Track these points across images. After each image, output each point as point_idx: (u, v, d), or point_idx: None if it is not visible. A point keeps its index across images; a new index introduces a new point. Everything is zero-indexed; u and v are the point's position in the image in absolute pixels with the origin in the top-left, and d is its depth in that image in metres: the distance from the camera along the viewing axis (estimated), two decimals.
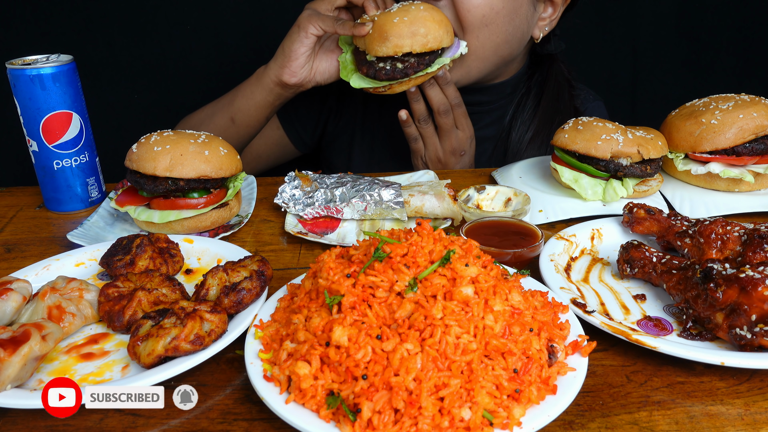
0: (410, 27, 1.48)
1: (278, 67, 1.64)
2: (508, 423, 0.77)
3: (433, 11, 1.53)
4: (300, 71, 1.63)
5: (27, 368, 0.87)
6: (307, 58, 1.62)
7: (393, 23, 1.48)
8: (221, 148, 1.37)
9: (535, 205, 1.45)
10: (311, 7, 1.61)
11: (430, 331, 0.82)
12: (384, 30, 1.48)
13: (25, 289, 1.04)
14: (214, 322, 0.94)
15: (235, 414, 0.87)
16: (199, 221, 1.35)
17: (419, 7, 1.52)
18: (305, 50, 1.60)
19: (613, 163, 1.43)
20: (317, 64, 1.65)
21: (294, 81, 1.64)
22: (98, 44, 2.26)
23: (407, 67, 1.53)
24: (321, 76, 1.66)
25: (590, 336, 0.93)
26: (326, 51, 1.66)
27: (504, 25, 1.62)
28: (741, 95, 1.51)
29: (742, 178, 1.46)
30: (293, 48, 1.60)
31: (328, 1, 1.61)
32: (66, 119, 1.44)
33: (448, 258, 0.88)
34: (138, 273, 1.10)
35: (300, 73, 1.63)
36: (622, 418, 0.85)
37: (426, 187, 1.42)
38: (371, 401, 0.77)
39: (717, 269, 0.98)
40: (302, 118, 2.00)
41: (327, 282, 0.90)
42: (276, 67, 1.65)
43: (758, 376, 0.93)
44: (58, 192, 1.50)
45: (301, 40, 1.58)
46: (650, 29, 2.54)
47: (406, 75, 1.53)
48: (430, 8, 1.53)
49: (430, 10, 1.53)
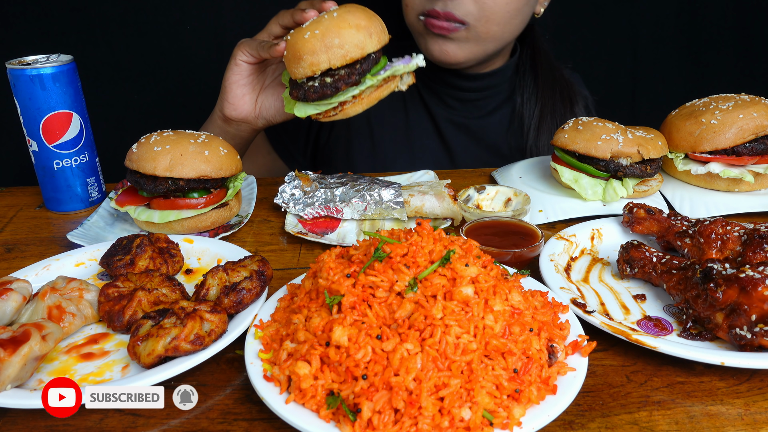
0: (323, 40, 1.30)
1: (220, 101, 1.58)
2: (508, 423, 0.77)
3: (350, 14, 1.34)
4: (240, 104, 1.55)
5: (27, 368, 0.87)
6: (245, 90, 1.54)
7: (304, 39, 1.31)
8: (221, 148, 1.37)
9: (535, 205, 1.45)
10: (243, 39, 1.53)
11: (430, 331, 0.82)
12: (296, 49, 1.32)
13: (25, 289, 1.04)
14: (214, 322, 0.94)
15: (235, 414, 0.87)
16: (199, 221, 1.35)
17: (332, 14, 1.34)
18: (238, 79, 1.53)
19: (613, 163, 1.43)
20: (262, 100, 1.56)
21: (235, 115, 1.56)
22: (98, 44, 2.26)
23: (337, 80, 1.34)
24: (267, 111, 1.57)
25: (590, 336, 0.93)
26: (272, 87, 1.58)
27: (525, 7, 1.70)
28: (741, 95, 1.51)
29: (742, 178, 1.46)
30: (227, 77, 1.54)
31: (265, 31, 1.53)
32: (66, 119, 1.44)
33: (448, 258, 0.88)
34: (138, 273, 1.10)
35: (241, 106, 1.55)
36: (622, 418, 0.85)
37: (426, 187, 1.42)
38: (371, 401, 0.77)
39: (717, 269, 0.98)
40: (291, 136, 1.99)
41: (327, 282, 0.90)
42: (219, 100, 1.59)
43: (758, 376, 0.93)
44: (58, 192, 1.50)
45: (232, 69, 1.52)
46: (650, 29, 2.54)
47: (337, 89, 1.34)
48: (346, 11, 1.35)
49: (347, 13, 1.34)
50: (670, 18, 2.54)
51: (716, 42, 2.58)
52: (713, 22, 2.55)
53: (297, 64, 1.32)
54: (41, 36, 2.23)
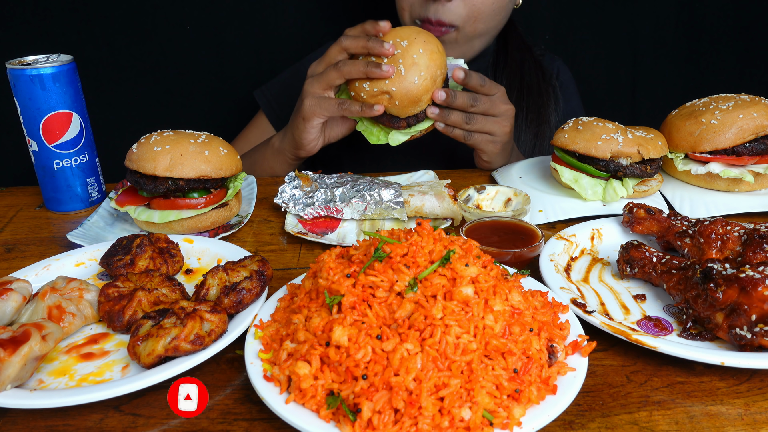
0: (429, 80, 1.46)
1: (293, 149, 1.67)
2: (508, 423, 0.77)
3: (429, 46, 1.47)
4: (314, 147, 1.65)
5: (27, 368, 0.87)
6: (317, 135, 1.62)
7: (416, 84, 1.45)
8: (221, 148, 1.37)
9: (535, 206, 1.45)
10: (311, 93, 1.55)
11: (430, 331, 0.82)
12: (413, 95, 1.45)
13: (25, 289, 1.04)
14: (214, 322, 0.94)
15: (235, 414, 0.87)
16: (199, 221, 1.35)
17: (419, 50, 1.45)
18: (315, 135, 1.61)
19: (613, 163, 1.43)
20: (329, 133, 1.65)
21: (311, 154, 1.68)
22: (98, 44, 2.26)
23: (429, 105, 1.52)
24: (331, 137, 1.66)
25: (590, 336, 0.93)
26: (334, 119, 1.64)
27: (508, 5, 1.77)
28: (741, 95, 1.51)
29: (742, 178, 1.46)
30: (302, 137, 1.61)
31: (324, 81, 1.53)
32: (66, 119, 1.44)
33: (448, 258, 0.88)
34: (138, 273, 1.10)
35: (315, 148, 1.65)
36: (622, 418, 0.85)
37: (426, 187, 1.42)
38: (371, 401, 0.77)
39: (717, 269, 0.98)
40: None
41: (327, 282, 0.90)
42: (291, 148, 1.68)
43: (758, 376, 0.93)
44: (58, 192, 1.50)
45: (308, 131, 1.59)
46: (650, 29, 2.53)
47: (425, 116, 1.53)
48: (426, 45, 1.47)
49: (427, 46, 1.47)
50: (670, 18, 2.53)
51: (716, 42, 2.58)
52: (713, 22, 2.55)
53: (414, 107, 1.49)
54: (41, 36, 2.23)
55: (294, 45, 2.36)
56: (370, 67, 1.45)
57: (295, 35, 2.35)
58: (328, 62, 1.54)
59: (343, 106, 1.51)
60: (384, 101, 1.47)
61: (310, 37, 2.34)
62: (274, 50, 2.37)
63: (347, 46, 1.51)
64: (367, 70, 1.45)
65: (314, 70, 1.59)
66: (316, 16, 2.35)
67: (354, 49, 1.50)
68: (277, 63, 2.36)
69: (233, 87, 2.40)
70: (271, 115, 2.04)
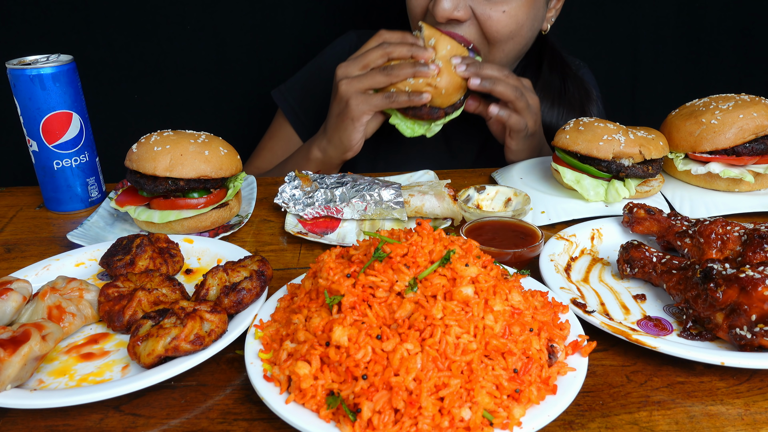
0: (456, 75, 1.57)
1: (340, 153, 1.68)
2: (508, 423, 0.77)
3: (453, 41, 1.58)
4: (360, 146, 1.67)
5: (27, 368, 0.87)
6: (363, 134, 1.64)
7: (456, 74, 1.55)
8: (221, 148, 1.37)
9: (537, 207, 1.45)
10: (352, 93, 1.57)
11: (430, 331, 0.82)
12: (456, 83, 1.55)
13: (25, 289, 1.04)
14: (214, 322, 0.94)
15: (235, 414, 0.87)
16: (199, 221, 1.35)
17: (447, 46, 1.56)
18: (363, 133, 1.63)
19: (615, 163, 1.42)
20: (367, 128, 1.66)
21: (356, 154, 1.69)
22: (98, 44, 2.26)
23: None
24: (371, 132, 1.68)
25: (590, 336, 0.93)
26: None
27: (527, 32, 1.71)
28: (741, 95, 1.51)
29: (742, 178, 1.45)
30: (351, 137, 1.62)
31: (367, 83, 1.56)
32: (66, 119, 1.44)
33: (448, 258, 0.88)
34: (138, 273, 1.10)
35: (360, 146, 1.67)
36: (622, 418, 0.85)
37: (426, 187, 1.42)
38: (371, 401, 0.77)
39: (717, 269, 0.98)
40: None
41: (327, 282, 0.90)
42: (338, 153, 1.68)
43: (758, 376, 0.93)
44: (58, 192, 1.50)
45: (357, 130, 1.60)
46: (650, 29, 2.53)
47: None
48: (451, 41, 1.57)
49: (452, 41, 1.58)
50: (670, 18, 2.53)
51: (716, 42, 2.58)
52: (713, 22, 2.55)
53: (457, 93, 1.58)
54: (41, 36, 2.23)
55: (294, 45, 2.36)
56: (418, 68, 1.51)
57: (295, 35, 2.35)
58: (366, 65, 1.57)
59: (390, 99, 1.54)
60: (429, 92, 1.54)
61: (310, 36, 2.34)
62: (274, 50, 2.37)
63: (390, 52, 1.55)
64: (416, 70, 1.52)
65: (348, 71, 1.59)
66: (316, 15, 2.35)
67: (397, 54, 1.55)
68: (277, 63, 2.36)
69: (233, 87, 2.40)
70: (296, 123, 2.02)
